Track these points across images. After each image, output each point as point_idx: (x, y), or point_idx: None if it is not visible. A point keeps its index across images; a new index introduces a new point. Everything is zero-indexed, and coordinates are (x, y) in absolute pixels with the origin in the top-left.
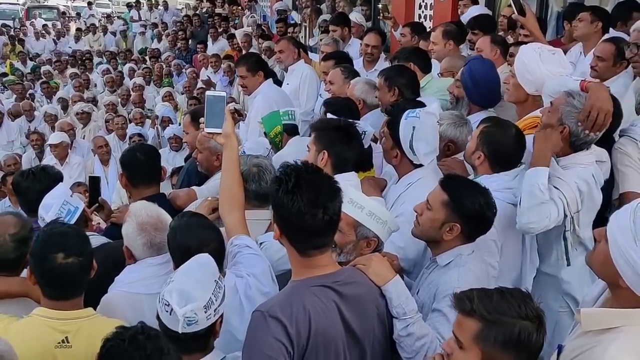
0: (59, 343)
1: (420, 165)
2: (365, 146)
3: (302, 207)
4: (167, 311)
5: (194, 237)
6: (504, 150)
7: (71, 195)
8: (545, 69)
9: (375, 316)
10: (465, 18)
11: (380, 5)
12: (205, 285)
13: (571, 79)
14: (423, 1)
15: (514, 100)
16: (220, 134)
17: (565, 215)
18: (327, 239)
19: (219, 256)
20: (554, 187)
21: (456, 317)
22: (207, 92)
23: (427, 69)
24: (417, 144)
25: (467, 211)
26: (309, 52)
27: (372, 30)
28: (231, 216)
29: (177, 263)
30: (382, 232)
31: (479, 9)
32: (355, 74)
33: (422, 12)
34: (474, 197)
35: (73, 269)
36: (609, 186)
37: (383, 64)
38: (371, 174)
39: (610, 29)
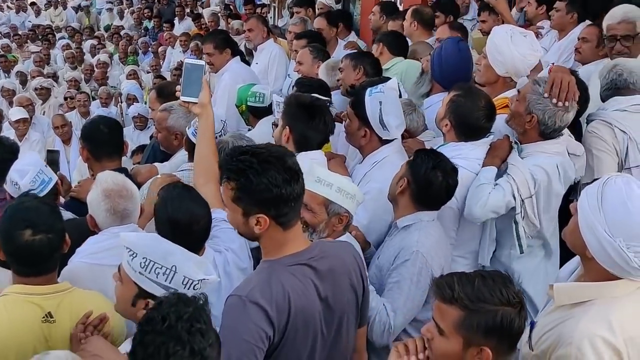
0: (44, 318)
1: (387, 142)
2: None
3: (285, 176)
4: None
5: (185, 211)
6: (471, 122)
7: (45, 166)
8: (515, 51)
9: (349, 287)
10: None
11: None
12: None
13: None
14: None
15: (485, 81)
16: (196, 103)
17: (515, 198)
18: (301, 202)
19: (206, 234)
20: (506, 172)
21: (435, 303)
22: (186, 60)
23: (397, 51)
24: (387, 117)
25: (415, 169)
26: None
27: (320, 15)
28: (207, 187)
29: (164, 237)
30: (351, 207)
31: None
32: (325, 54)
33: None
34: (427, 161)
35: (42, 246)
36: None
37: (342, 51)
38: (327, 149)
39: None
